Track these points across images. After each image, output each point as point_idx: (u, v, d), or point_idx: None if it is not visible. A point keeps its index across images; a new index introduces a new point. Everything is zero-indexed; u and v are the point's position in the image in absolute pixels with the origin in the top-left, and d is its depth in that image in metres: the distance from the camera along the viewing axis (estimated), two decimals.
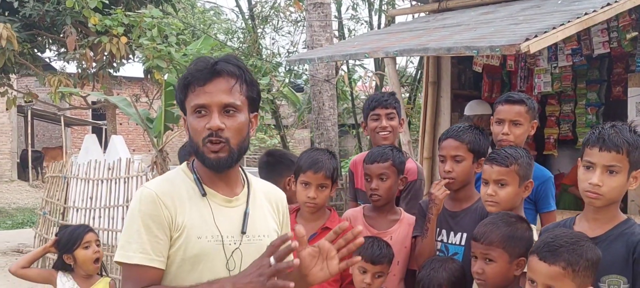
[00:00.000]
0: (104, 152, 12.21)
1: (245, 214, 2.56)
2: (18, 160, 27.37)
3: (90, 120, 29.04)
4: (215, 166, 2.49)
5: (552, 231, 2.82)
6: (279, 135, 14.74)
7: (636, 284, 2.75)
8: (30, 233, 12.64)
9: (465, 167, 3.64)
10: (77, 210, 10.89)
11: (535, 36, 4.98)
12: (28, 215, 18.91)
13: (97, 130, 24.22)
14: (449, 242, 3.67)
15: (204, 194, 2.52)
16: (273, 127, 17.07)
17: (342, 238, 2.33)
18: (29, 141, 27.12)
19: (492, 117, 4.14)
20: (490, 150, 3.70)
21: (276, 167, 4.27)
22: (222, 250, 2.48)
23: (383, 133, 4.38)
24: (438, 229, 3.70)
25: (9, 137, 26.81)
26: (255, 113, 2.60)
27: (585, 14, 5.63)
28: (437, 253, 3.67)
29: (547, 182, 4.01)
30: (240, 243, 2.52)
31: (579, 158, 2.91)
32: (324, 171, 3.73)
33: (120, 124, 26.64)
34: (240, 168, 2.66)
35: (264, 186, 2.78)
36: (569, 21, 5.41)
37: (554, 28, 5.23)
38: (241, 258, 2.50)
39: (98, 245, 4.40)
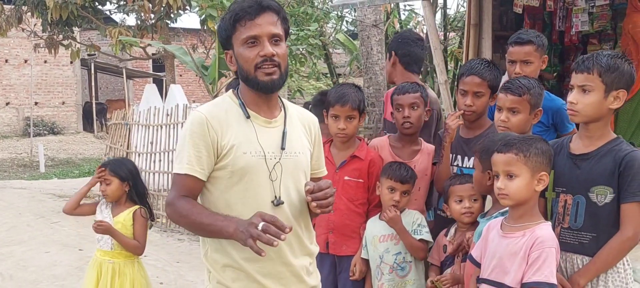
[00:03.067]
0: (164, 101, 12.72)
1: (284, 133, 2.96)
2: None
3: (151, 72, 29.71)
4: (269, 87, 2.89)
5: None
6: (332, 83, 15.02)
7: (621, 193, 3.10)
8: None
9: (483, 102, 3.99)
10: (139, 155, 11.45)
11: None
12: (94, 165, 19.65)
13: (158, 82, 24.87)
14: (464, 166, 4.05)
15: (248, 116, 2.92)
16: (326, 75, 17.32)
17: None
18: (93, 93, 27.94)
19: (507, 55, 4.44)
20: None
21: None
22: (265, 164, 2.87)
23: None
24: (454, 155, 4.08)
25: (74, 90, 27.68)
26: (287, 44, 3.02)
27: None
28: None
29: (560, 110, 4.30)
30: (280, 158, 2.92)
31: None
32: (350, 103, 4.11)
33: (180, 75, 27.31)
34: (277, 95, 3.05)
35: (297, 110, 3.17)
36: None
37: None
38: (281, 170, 2.91)
39: (108, 183, 4.77)
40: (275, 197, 2.89)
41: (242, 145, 2.86)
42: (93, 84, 28.35)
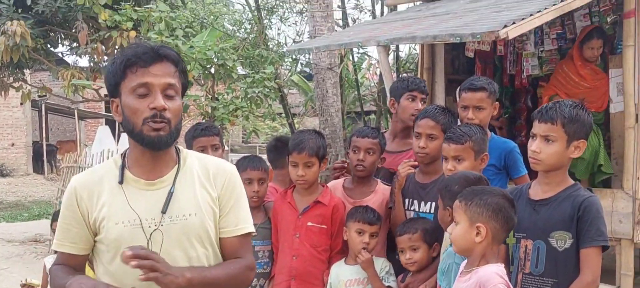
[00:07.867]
0: (117, 143, 12.60)
1: (170, 194, 2.63)
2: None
3: (103, 113, 29.41)
4: (156, 144, 2.56)
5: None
6: (288, 123, 15.08)
7: (580, 237, 3.19)
8: (46, 224, 13.01)
9: (437, 144, 4.07)
10: None
11: (513, 23, 5.31)
12: (44, 207, 19.26)
13: (110, 123, 24.59)
14: (421, 210, 4.13)
15: (121, 182, 2.62)
16: (281, 116, 17.34)
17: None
18: (44, 135, 27.51)
19: (457, 102, 4.55)
20: None
21: (283, 149, 4.58)
22: (142, 232, 2.57)
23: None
24: (411, 200, 4.16)
25: (23, 131, 27.18)
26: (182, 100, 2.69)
27: (562, 0, 5.93)
28: None
29: (512, 152, 4.40)
30: (160, 224, 2.59)
31: None
32: (307, 151, 4.14)
33: None
34: (174, 148, 2.73)
35: (203, 162, 2.80)
36: (546, 8, 5.74)
37: (531, 15, 5.56)
38: (162, 238, 2.58)
39: None
40: None
41: (114, 215, 2.59)
42: (44, 124, 27.91)
